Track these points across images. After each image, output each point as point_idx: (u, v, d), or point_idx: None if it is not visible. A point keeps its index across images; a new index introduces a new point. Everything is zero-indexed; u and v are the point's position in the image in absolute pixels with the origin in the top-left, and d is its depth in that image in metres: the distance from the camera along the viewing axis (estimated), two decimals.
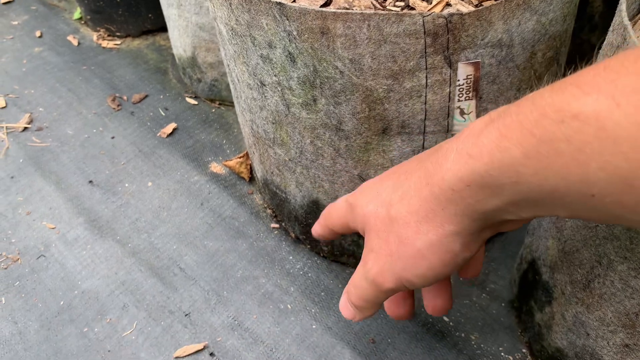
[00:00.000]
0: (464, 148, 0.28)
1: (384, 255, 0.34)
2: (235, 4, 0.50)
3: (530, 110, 0.25)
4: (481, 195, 0.28)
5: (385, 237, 0.34)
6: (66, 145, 0.89)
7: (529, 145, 0.24)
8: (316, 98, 0.52)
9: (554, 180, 0.24)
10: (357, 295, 0.39)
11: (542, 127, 0.24)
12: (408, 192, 0.33)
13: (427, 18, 0.44)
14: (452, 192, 0.29)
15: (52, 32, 1.16)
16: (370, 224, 0.36)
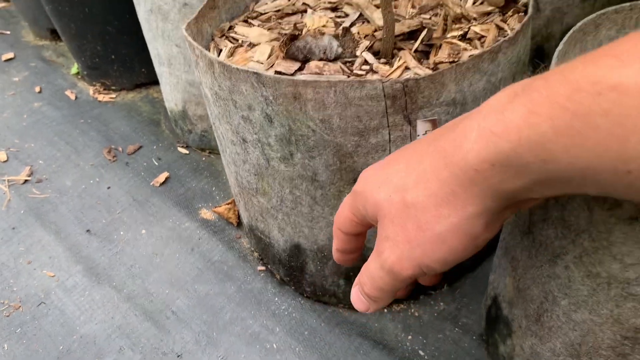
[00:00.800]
0: (487, 125, 0.26)
1: (401, 243, 0.33)
2: (217, 72, 0.56)
3: (561, 84, 0.23)
4: (506, 175, 0.27)
5: (401, 223, 0.32)
6: (65, 196, 0.94)
7: (561, 121, 0.23)
8: (293, 153, 0.57)
9: (588, 158, 0.23)
10: (374, 286, 0.37)
11: (576, 101, 0.22)
12: (424, 175, 0.31)
13: (386, 84, 0.50)
14: (475, 173, 0.27)
15: (51, 87, 1.23)
16: (383, 211, 0.34)
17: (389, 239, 0.33)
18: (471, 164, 0.27)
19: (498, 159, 0.26)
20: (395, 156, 0.35)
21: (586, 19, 0.49)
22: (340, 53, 0.59)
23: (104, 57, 1.12)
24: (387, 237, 0.34)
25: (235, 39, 0.65)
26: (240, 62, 0.61)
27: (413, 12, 0.62)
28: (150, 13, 0.83)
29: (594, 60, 0.22)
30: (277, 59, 0.60)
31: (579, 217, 0.40)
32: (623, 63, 0.21)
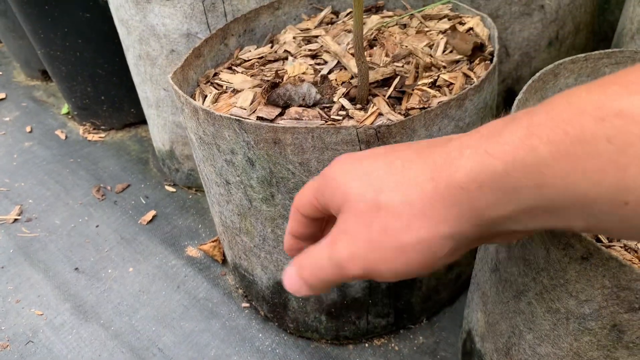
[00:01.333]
0: (482, 145, 0.25)
1: (360, 241, 0.31)
2: (202, 118, 0.59)
3: (564, 108, 0.22)
4: (493, 199, 0.25)
5: (367, 222, 0.31)
6: (54, 235, 0.96)
7: (561, 145, 0.22)
8: (274, 194, 0.60)
9: (585, 185, 0.22)
10: (314, 274, 0.34)
11: (578, 125, 0.22)
12: (406, 182, 0.30)
13: (360, 130, 0.53)
14: (461, 191, 0.26)
15: (41, 127, 1.26)
16: (350, 203, 0.32)
17: (348, 233, 0.32)
18: (458, 181, 0.26)
19: (488, 180, 0.25)
20: (377, 153, 0.33)
21: (545, 69, 0.53)
22: (319, 99, 0.62)
23: (93, 98, 1.16)
24: (345, 231, 0.32)
25: (219, 85, 0.69)
26: (224, 107, 0.64)
27: (387, 60, 0.66)
28: (139, 59, 0.87)
29: (600, 87, 0.22)
30: (259, 104, 0.63)
31: (538, 256, 0.43)
32: (629, 91, 0.21)
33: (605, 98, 0.21)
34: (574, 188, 0.22)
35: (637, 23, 0.66)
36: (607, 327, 0.40)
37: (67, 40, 1.06)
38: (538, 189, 0.23)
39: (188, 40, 0.80)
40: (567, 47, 0.81)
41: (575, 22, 0.79)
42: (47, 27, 1.04)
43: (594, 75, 0.56)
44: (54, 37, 1.06)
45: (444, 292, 0.75)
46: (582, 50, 0.85)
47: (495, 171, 0.25)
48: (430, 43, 0.66)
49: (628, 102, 0.21)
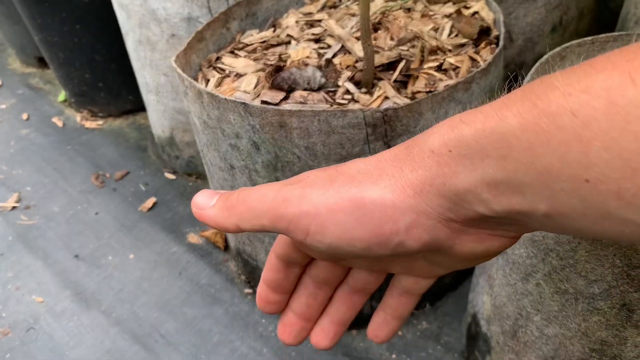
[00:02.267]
0: (459, 116, 0.26)
1: (317, 187, 0.28)
2: (206, 102, 0.58)
3: (537, 85, 0.23)
4: (459, 166, 0.25)
5: (329, 177, 0.28)
6: (53, 222, 0.95)
7: (529, 116, 0.23)
8: (279, 178, 0.60)
9: (548, 158, 0.23)
10: (246, 204, 0.30)
11: (547, 99, 0.22)
12: (379, 160, 0.28)
13: (367, 113, 0.53)
14: (431, 155, 0.26)
15: (38, 114, 1.24)
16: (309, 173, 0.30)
17: (305, 180, 0.29)
18: (430, 145, 0.26)
19: (457, 144, 0.25)
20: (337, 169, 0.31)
21: (552, 52, 0.53)
22: (324, 83, 0.62)
23: (91, 84, 1.15)
24: (303, 179, 0.29)
25: (222, 70, 0.68)
26: (227, 92, 0.63)
27: (392, 44, 0.65)
28: (139, 43, 0.86)
29: (572, 68, 0.23)
30: (263, 89, 0.62)
31: (547, 237, 0.43)
32: (596, 70, 0.21)
33: (575, 76, 0.22)
34: (538, 161, 0.23)
35: None
36: (617, 306, 0.40)
37: (65, 25, 1.04)
38: (503, 160, 0.24)
39: (189, 25, 0.80)
40: (570, 33, 0.81)
41: (579, 7, 0.79)
42: (45, 12, 1.03)
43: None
44: (52, 23, 1.04)
45: (447, 277, 0.75)
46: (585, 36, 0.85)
47: (464, 137, 0.24)
48: (436, 27, 0.66)
49: (594, 79, 0.21)
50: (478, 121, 0.24)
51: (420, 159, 0.26)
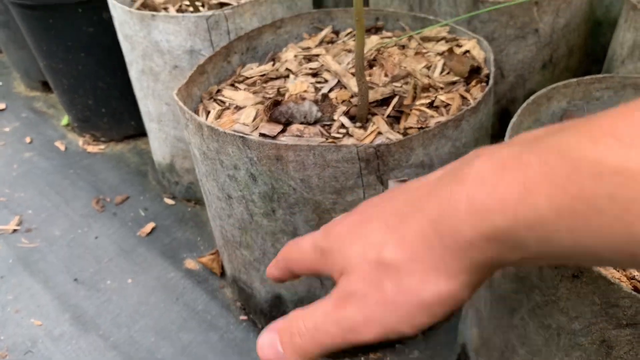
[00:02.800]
0: (478, 198, 0.26)
1: (373, 304, 0.30)
2: (206, 134, 0.60)
3: (558, 162, 0.23)
4: (503, 249, 0.26)
5: (376, 283, 0.30)
6: (54, 246, 0.96)
7: (562, 203, 0.22)
8: (275, 209, 0.62)
9: (591, 240, 0.23)
10: (314, 340, 0.32)
11: (577, 183, 0.22)
12: (408, 238, 0.29)
13: (360, 148, 0.55)
14: (470, 246, 0.27)
15: (41, 138, 1.27)
16: (353, 266, 0.31)
17: (356, 295, 0.31)
18: (466, 237, 0.26)
19: (494, 235, 0.25)
20: (369, 214, 0.33)
21: (538, 93, 0.55)
22: (320, 117, 0.64)
23: (94, 110, 1.17)
24: (352, 294, 0.31)
25: (222, 102, 0.70)
26: (227, 124, 0.65)
27: (386, 80, 0.68)
28: (142, 73, 0.88)
29: (593, 139, 0.22)
30: (262, 121, 0.65)
31: (531, 274, 0.45)
32: (624, 144, 0.21)
33: (599, 152, 0.21)
34: (580, 242, 0.23)
35: (627, 48, 0.69)
36: (597, 342, 0.42)
37: (70, 53, 1.07)
38: (545, 242, 0.24)
39: (191, 57, 0.82)
40: (560, 70, 0.84)
41: (568, 46, 0.82)
42: (51, 40, 1.06)
43: (586, 99, 0.58)
44: (57, 50, 1.07)
45: None
46: (575, 73, 0.88)
47: (499, 227, 0.25)
48: (428, 64, 0.68)
49: (625, 158, 0.21)
50: (508, 211, 0.24)
51: (461, 250, 0.27)
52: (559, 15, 0.77)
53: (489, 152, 0.27)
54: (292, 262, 0.38)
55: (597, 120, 0.23)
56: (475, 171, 0.26)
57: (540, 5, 0.75)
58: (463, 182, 0.27)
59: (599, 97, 0.58)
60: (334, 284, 0.34)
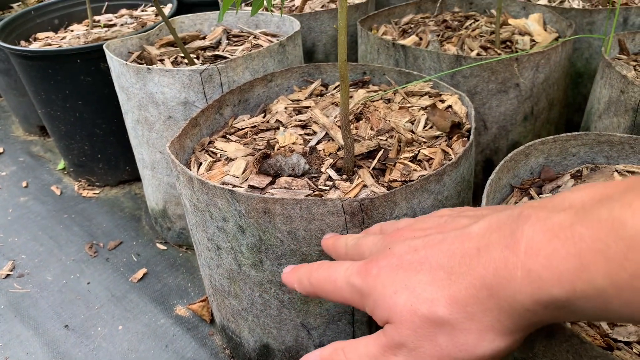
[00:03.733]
0: (534, 269, 0.27)
1: (427, 356, 0.32)
2: (196, 187, 0.62)
3: (613, 241, 0.23)
4: (559, 314, 0.27)
5: (429, 337, 0.31)
6: (45, 291, 0.97)
7: (620, 280, 0.23)
8: (262, 260, 0.63)
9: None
10: None
11: (634, 262, 0.23)
12: (460, 297, 0.30)
13: (345, 202, 0.57)
14: (527, 311, 0.28)
15: (37, 182, 1.29)
16: (401, 317, 0.32)
17: (407, 347, 0.32)
18: (524, 304, 0.27)
19: (552, 303, 0.26)
20: (409, 262, 0.34)
21: (516, 150, 0.57)
22: (307, 169, 0.66)
23: (90, 156, 1.19)
24: (403, 345, 0.32)
25: (214, 153, 0.72)
26: (217, 175, 0.67)
27: (372, 133, 0.70)
28: (137, 123, 0.91)
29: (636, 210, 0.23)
30: (251, 173, 0.66)
31: None
32: None
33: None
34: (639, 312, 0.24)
35: (603, 104, 0.71)
36: None
37: (67, 101, 1.10)
38: (602, 312, 0.25)
39: (185, 108, 0.85)
40: (542, 122, 0.86)
41: (548, 99, 0.85)
42: (49, 89, 1.09)
43: (563, 155, 0.60)
44: (55, 99, 1.10)
45: None
46: (556, 124, 0.91)
47: (557, 298, 0.26)
48: (412, 119, 0.71)
49: None
50: (565, 284, 0.25)
51: (518, 315, 0.28)
52: (539, 70, 0.80)
53: (537, 215, 0.28)
54: (321, 291, 0.40)
55: (633, 185, 0.24)
56: (527, 238, 0.27)
57: (520, 62, 0.78)
58: (517, 251, 0.28)
59: (575, 153, 0.60)
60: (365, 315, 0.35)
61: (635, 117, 0.66)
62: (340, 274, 0.38)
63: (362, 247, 0.42)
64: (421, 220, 0.40)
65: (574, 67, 1.02)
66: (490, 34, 0.96)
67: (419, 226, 0.39)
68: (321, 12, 1.07)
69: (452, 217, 0.38)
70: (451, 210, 0.42)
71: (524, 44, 0.92)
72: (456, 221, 0.36)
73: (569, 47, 0.86)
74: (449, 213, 0.40)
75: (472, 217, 0.35)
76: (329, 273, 0.39)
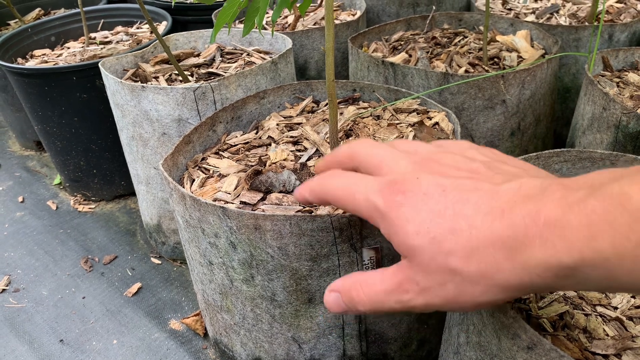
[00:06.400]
0: (550, 239, 0.29)
1: (436, 296, 0.34)
2: (188, 204, 0.63)
3: (620, 213, 0.26)
4: (566, 282, 0.29)
5: (440, 282, 0.34)
6: (40, 306, 0.98)
7: (625, 249, 0.25)
8: (254, 275, 0.64)
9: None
10: (375, 309, 0.38)
11: (637, 232, 0.25)
12: (478, 253, 0.32)
13: (334, 218, 0.58)
14: (537, 277, 0.30)
15: (33, 197, 1.30)
16: (419, 260, 0.34)
17: (419, 285, 0.35)
18: (535, 270, 0.30)
19: (561, 270, 0.28)
20: (440, 201, 0.34)
21: None
22: (298, 185, 0.68)
23: (86, 171, 1.21)
24: (416, 282, 0.35)
25: (207, 170, 0.74)
26: (210, 192, 0.69)
27: None
28: (132, 139, 0.92)
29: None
30: (243, 190, 0.68)
31: (491, 343, 0.47)
32: None
33: None
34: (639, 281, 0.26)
35: (587, 120, 0.73)
36: None
37: (63, 118, 1.12)
38: (606, 280, 0.27)
39: (179, 125, 0.86)
40: (529, 136, 0.88)
41: (535, 115, 0.86)
42: (46, 105, 1.10)
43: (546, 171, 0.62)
44: (51, 115, 1.12)
45: None
46: (544, 138, 0.92)
47: (566, 266, 0.28)
48: (400, 135, 0.73)
49: None
50: (574, 252, 0.27)
51: (528, 278, 0.30)
52: (525, 87, 0.82)
53: (561, 192, 0.30)
54: (335, 199, 0.40)
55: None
56: (548, 211, 0.29)
57: (506, 79, 0.80)
58: (537, 221, 0.29)
59: (558, 169, 0.62)
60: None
61: (617, 133, 0.68)
62: (360, 187, 0.38)
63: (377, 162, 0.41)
64: (450, 153, 0.39)
65: (562, 82, 1.04)
66: (479, 51, 0.98)
67: (449, 162, 0.38)
68: (313, 29, 1.09)
69: (486, 165, 0.38)
70: (480, 152, 0.41)
71: (511, 60, 0.93)
72: (490, 172, 0.36)
73: (555, 64, 0.88)
74: (481, 158, 0.39)
75: (506, 173, 0.36)
76: (347, 182, 0.40)
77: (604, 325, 0.47)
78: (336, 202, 0.40)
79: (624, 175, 0.27)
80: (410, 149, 0.42)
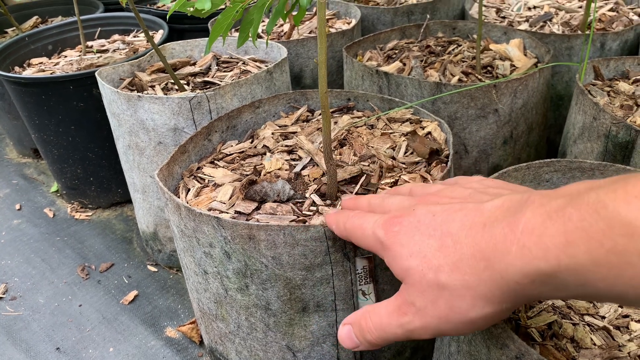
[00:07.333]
0: (526, 245, 0.30)
1: (430, 316, 0.36)
2: (183, 214, 0.64)
3: (595, 220, 0.26)
4: (544, 289, 0.30)
5: (432, 299, 0.36)
6: (37, 314, 0.98)
7: (599, 255, 0.26)
8: (248, 284, 0.65)
9: (623, 287, 0.26)
10: (381, 337, 0.40)
11: (611, 240, 0.25)
12: (461, 265, 0.34)
13: (327, 228, 0.59)
14: (516, 284, 0.31)
15: (30, 204, 1.30)
16: (413, 280, 0.37)
17: (415, 306, 0.37)
18: (513, 276, 0.31)
19: (538, 277, 0.29)
20: (426, 225, 0.38)
21: (492, 177, 0.60)
22: (292, 195, 0.68)
23: (83, 179, 1.21)
24: (412, 303, 0.37)
25: (202, 179, 0.74)
26: (205, 201, 0.69)
27: (355, 159, 0.72)
28: (128, 148, 0.93)
29: (625, 200, 0.26)
30: (238, 199, 0.69)
31: (481, 352, 0.48)
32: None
33: (630, 214, 0.25)
34: (614, 288, 0.27)
35: (578, 129, 0.74)
36: None
37: (60, 126, 1.12)
38: (582, 287, 0.28)
39: (175, 134, 0.87)
40: (521, 145, 0.89)
41: (527, 123, 0.87)
42: (43, 114, 1.11)
43: (537, 181, 0.63)
44: (49, 124, 1.12)
45: None
46: (536, 146, 0.93)
47: (543, 272, 0.29)
48: (394, 145, 0.73)
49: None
50: (550, 258, 0.28)
51: (507, 286, 0.32)
52: (517, 96, 0.83)
53: (540, 201, 0.31)
54: (353, 237, 0.46)
55: (632, 180, 0.27)
56: (526, 219, 0.30)
57: (498, 88, 0.81)
58: (515, 230, 0.31)
59: (549, 179, 0.63)
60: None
61: (607, 143, 0.69)
62: (369, 224, 0.43)
63: (387, 206, 0.46)
64: (450, 189, 0.44)
65: (555, 90, 1.05)
66: (472, 59, 0.99)
67: (446, 194, 0.43)
68: (308, 38, 1.10)
69: (478, 191, 0.41)
70: (480, 182, 0.46)
71: (504, 69, 0.94)
72: (479, 196, 0.40)
73: (547, 73, 0.89)
74: (477, 186, 0.43)
75: (493, 194, 0.39)
76: (361, 222, 0.45)
77: (592, 335, 0.48)
78: (353, 238, 0.47)
79: (602, 185, 0.28)
80: (424, 192, 0.47)
